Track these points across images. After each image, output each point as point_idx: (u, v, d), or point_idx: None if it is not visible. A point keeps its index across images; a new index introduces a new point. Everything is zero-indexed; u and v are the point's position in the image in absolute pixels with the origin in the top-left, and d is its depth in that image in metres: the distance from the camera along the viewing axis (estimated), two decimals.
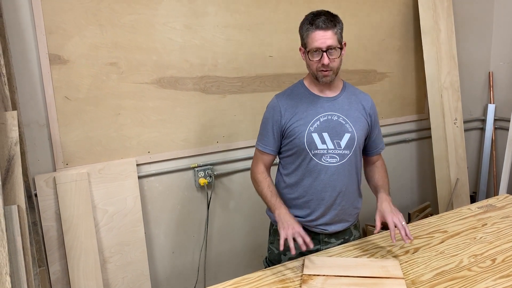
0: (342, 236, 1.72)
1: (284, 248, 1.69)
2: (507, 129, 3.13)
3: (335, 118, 1.60)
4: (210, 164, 2.33)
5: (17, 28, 1.83)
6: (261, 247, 2.56)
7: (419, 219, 2.00)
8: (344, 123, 1.60)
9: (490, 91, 3.25)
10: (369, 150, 1.75)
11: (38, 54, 1.87)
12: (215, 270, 2.48)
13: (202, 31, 2.19)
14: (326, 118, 1.59)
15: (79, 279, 2.00)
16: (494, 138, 3.27)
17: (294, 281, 1.39)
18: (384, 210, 1.54)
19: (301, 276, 1.41)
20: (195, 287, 2.42)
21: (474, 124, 3.32)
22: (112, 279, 2.11)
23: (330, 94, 1.63)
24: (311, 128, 1.58)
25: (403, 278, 1.36)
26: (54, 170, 1.98)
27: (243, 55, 2.31)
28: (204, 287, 2.43)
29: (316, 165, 1.59)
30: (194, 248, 2.39)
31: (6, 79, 1.61)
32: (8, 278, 1.18)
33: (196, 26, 2.17)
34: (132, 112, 2.10)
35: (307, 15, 1.56)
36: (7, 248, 1.23)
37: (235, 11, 2.26)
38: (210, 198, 2.37)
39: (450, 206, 2.90)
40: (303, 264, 1.47)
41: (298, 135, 1.58)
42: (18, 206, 1.39)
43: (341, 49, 1.54)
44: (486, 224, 1.76)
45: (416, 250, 1.57)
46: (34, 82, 1.89)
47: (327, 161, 1.59)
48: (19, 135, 1.58)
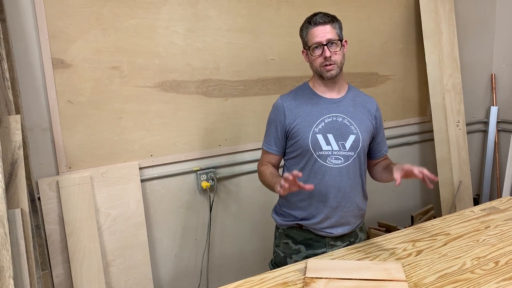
0: (348, 239, 1.71)
1: (289, 250, 1.70)
2: (510, 131, 3.13)
3: (340, 119, 1.60)
4: (213, 167, 2.34)
5: (20, 32, 1.84)
6: (264, 250, 2.56)
7: (422, 222, 2.00)
8: (349, 124, 1.60)
9: (493, 93, 3.25)
10: (373, 153, 1.75)
11: (41, 58, 1.88)
12: (217, 273, 2.48)
13: (204, 35, 2.20)
14: (331, 119, 1.59)
15: (82, 283, 2.00)
16: (497, 141, 3.26)
17: (297, 283, 1.39)
18: (404, 164, 1.47)
19: (303, 278, 1.40)
20: None
21: (476, 127, 3.31)
22: (115, 283, 2.11)
23: (335, 95, 1.64)
24: (315, 129, 1.58)
25: (406, 281, 1.36)
26: (57, 174, 1.99)
27: (245, 58, 2.32)
28: None
29: (321, 166, 1.59)
30: (197, 251, 2.39)
31: (9, 83, 1.63)
32: (11, 281, 1.19)
33: (198, 29, 2.18)
34: (135, 115, 2.10)
35: (305, 19, 1.61)
36: (10, 251, 1.24)
37: (236, 15, 2.26)
38: (213, 201, 2.37)
39: (453, 209, 2.89)
40: (305, 267, 1.47)
41: (303, 136, 1.58)
42: (22, 209, 1.39)
43: (341, 41, 1.56)
44: (489, 227, 1.76)
45: (419, 253, 1.57)
46: (37, 86, 1.90)
47: (331, 162, 1.59)
48: (23, 139, 1.59)
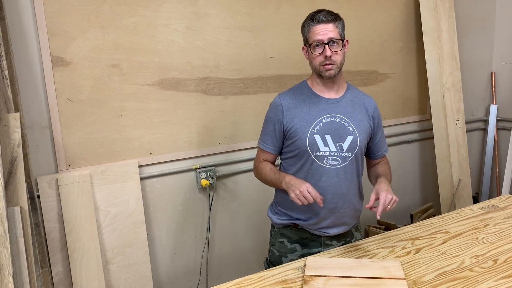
0: (344, 239, 1.71)
1: (284, 249, 1.70)
2: (510, 129, 3.12)
3: (338, 120, 1.59)
4: (212, 166, 2.34)
5: (19, 30, 1.84)
6: (263, 248, 2.56)
7: (422, 220, 2.00)
8: (347, 125, 1.59)
9: (492, 91, 3.25)
10: (372, 153, 1.75)
11: (40, 56, 1.88)
12: (217, 271, 2.48)
13: (204, 33, 2.20)
14: (329, 120, 1.58)
15: (81, 280, 2.01)
16: (496, 139, 3.26)
17: (296, 281, 1.39)
18: (380, 188, 1.51)
19: (302, 276, 1.41)
20: None
21: (476, 125, 3.31)
22: (115, 280, 2.12)
23: (333, 95, 1.63)
24: (313, 129, 1.57)
25: (405, 279, 1.36)
26: (57, 172, 1.99)
27: (244, 56, 2.32)
28: None
29: (318, 167, 1.58)
30: (196, 249, 2.39)
31: (8, 81, 1.62)
32: (10, 279, 1.19)
33: (198, 27, 2.18)
34: (134, 113, 2.10)
35: (308, 15, 1.58)
36: (10, 249, 1.24)
37: (236, 13, 2.26)
38: (212, 199, 2.37)
39: (452, 207, 2.89)
40: (304, 265, 1.47)
41: (300, 136, 1.57)
42: (21, 207, 1.40)
43: (342, 41, 1.55)
44: (488, 225, 1.76)
45: (418, 251, 1.57)
46: (37, 84, 1.90)
47: (329, 163, 1.58)
48: (22, 137, 1.59)
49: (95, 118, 2.02)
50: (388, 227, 2.78)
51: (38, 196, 1.93)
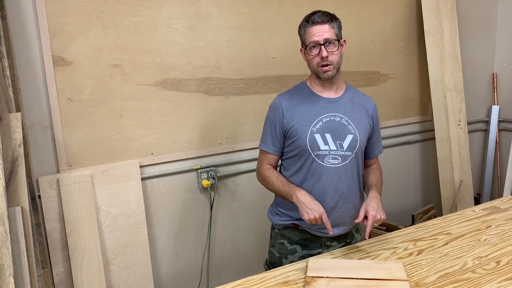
0: (344, 240, 1.71)
1: (284, 251, 1.69)
2: (511, 130, 3.12)
3: (338, 119, 1.59)
4: (213, 166, 2.33)
5: (21, 30, 1.83)
6: (264, 249, 2.55)
7: (423, 221, 1.99)
8: (347, 124, 1.59)
9: (494, 92, 3.24)
10: (367, 153, 1.75)
11: (41, 56, 1.88)
12: (218, 272, 2.47)
13: (205, 33, 2.20)
14: (328, 119, 1.59)
15: (82, 281, 2.00)
16: (498, 140, 3.26)
17: (298, 283, 1.38)
18: (369, 204, 1.53)
19: (304, 278, 1.40)
20: None
21: (478, 126, 3.31)
22: (115, 281, 2.11)
23: (333, 95, 1.63)
24: (313, 128, 1.57)
25: (407, 280, 1.35)
26: (58, 172, 1.98)
27: (245, 56, 2.31)
28: None
29: (319, 166, 1.58)
30: (197, 249, 2.39)
31: (10, 81, 1.62)
32: (11, 280, 1.19)
33: (199, 27, 2.18)
34: (135, 113, 2.10)
35: (304, 17, 1.59)
36: (10, 249, 1.24)
37: (237, 13, 2.26)
38: (213, 199, 2.36)
39: (454, 208, 2.89)
40: (306, 266, 1.47)
41: (301, 136, 1.58)
42: (22, 207, 1.39)
43: (339, 41, 1.55)
44: (490, 226, 1.75)
45: (420, 252, 1.56)
46: (38, 84, 1.90)
47: (329, 162, 1.58)
48: (23, 137, 1.59)
49: (96, 118, 2.02)
50: (389, 228, 2.77)
51: (39, 196, 1.93)
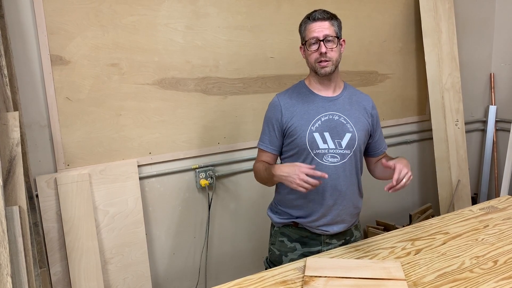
0: (343, 237, 1.71)
1: (284, 248, 1.70)
2: (509, 130, 3.13)
3: (336, 118, 1.60)
4: (211, 165, 2.33)
5: (18, 29, 1.83)
6: (262, 248, 2.55)
7: (421, 221, 2.00)
8: (345, 123, 1.60)
9: (492, 92, 3.25)
10: (372, 151, 1.75)
11: (39, 55, 1.87)
12: (216, 271, 2.47)
13: (204, 32, 2.19)
14: (327, 117, 1.59)
15: (80, 280, 2.00)
16: (495, 140, 3.27)
17: (296, 282, 1.39)
18: (398, 160, 1.47)
19: (302, 277, 1.40)
20: None
21: (475, 126, 3.32)
22: (113, 280, 2.11)
23: (331, 94, 1.64)
24: (312, 127, 1.58)
25: (405, 280, 1.36)
26: (56, 171, 1.98)
27: (244, 56, 2.31)
28: None
29: (318, 165, 1.59)
30: (195, 249, 2.39)
31: (7, 80, 1.62)
32: (9, 279, 1.18)
33: (198, 27, 2.17)
34: (134, 113, 2.10)
35: (305, 15, 1.61)
36: (8, 249, 1.23)
37: (236, 12, 2.26)
38: (211, 199, 2.36)
39: (451, 208, 2.89)
40: (304, 266, 1.47)
41: (300, 135, 1.58)
42: (20, 207, 1.39)
43: (338, 39, 1.56)
44: (487, 226, 1.76)
45: (418, 252, 1.57)
46: (36, 83, 1.89)
47: (328, 160, 1.59)
48: (21, 136, 1.59)
49: (94, 117, 2.02)
50: (387, 228, 2.78)
51: (37, 196, 1.92)
